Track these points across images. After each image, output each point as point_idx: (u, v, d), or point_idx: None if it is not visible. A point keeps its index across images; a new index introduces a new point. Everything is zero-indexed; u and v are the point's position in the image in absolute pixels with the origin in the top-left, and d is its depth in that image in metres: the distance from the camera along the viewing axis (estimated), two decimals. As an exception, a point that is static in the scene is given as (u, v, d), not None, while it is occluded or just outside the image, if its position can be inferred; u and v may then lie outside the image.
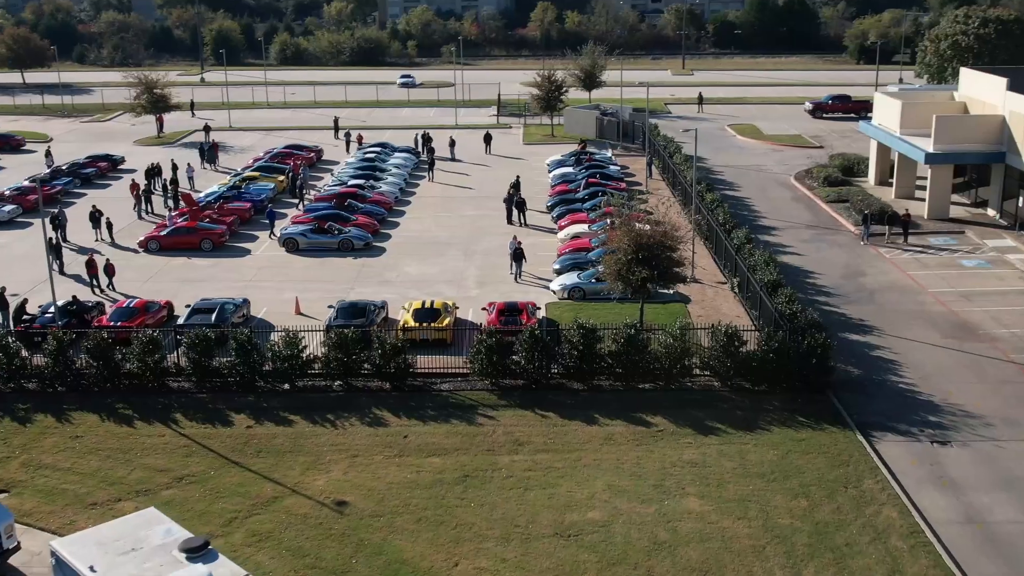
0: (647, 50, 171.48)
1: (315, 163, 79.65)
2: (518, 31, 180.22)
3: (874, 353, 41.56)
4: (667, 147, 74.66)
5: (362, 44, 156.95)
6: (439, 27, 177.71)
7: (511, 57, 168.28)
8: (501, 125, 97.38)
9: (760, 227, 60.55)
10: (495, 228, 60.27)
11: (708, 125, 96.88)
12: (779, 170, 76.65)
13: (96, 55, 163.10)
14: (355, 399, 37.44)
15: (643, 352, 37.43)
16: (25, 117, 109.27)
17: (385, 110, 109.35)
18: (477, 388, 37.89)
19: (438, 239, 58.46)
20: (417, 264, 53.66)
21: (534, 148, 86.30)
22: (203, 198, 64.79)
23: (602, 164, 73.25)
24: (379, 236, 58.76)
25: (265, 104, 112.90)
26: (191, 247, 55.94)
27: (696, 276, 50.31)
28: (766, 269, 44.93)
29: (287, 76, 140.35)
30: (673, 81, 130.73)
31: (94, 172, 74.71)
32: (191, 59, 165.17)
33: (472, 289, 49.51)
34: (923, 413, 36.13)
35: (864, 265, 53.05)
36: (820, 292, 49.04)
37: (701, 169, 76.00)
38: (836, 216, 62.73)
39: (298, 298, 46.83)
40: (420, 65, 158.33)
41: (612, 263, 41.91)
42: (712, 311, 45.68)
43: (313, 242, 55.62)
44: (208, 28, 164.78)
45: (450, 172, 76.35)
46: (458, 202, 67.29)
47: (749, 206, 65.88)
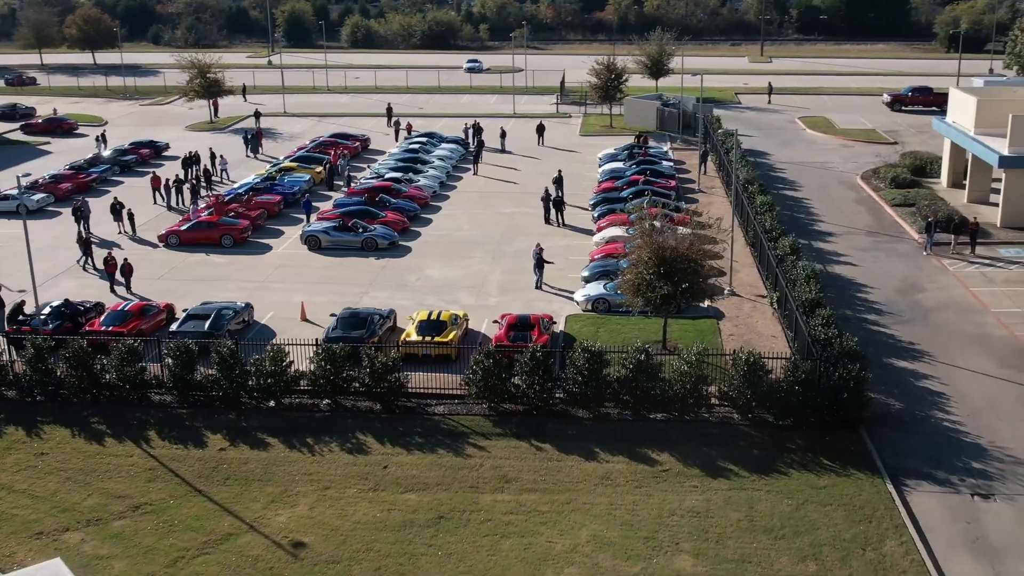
0: (727, 35, 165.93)
1: (359, 153, 77.27)
2: (595, 14, 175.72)
3: (920, 383, 37.48)
4: (724, 142, 70.48)
5: (433, 27, 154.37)
6: (514, 9, 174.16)
7: (585, 41, 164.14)
8: (560, 115, 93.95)
9: (815, 232, 56.36)
10: (531, 228, 57.09)
11: (777, 117, 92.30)
12: (846, 168, 71.95)
13: (170, 36, 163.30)
14: (341, 420, 34.78)
15: (654, 379, 34.03)
16: (88, 99, 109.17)
17: (445, 96, 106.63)
18: (473, 412, 34.93)
19: (468, 239, 55.52)
20: (441, 266, 50.81)
21: (590, 140, 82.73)
22: (234, 190, 62.86)
23: (654, 159, 69.42)
24: (408, 234, 56.08)
25: (325, 89, 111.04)
26: (211, 243, 53.93)
27: (734, 288, 46.53)
28: (807, 285, 40.99)
29: (354, 59, 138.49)
30: (748, 69, 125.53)
31: (134, 159, 73.36)
32: (265, 41, 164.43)
33: (492, 297, 46.49)
34: (967, 458, 32.11)
35: (923, 279, 48.65)
36: (870, 309, 44.89)
37: (761, 166, 71.94)
38: (900, 221, 58.15)
39: (304, 303, 44.34)
40: (491, 49, 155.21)
41: (631, 276, 38.53)
42: (746, 329, 41.97)
43: (336, 240, 53.15)
44: (281, 9, 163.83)
45: (496, 165, 73.27)
46: (498, 198, 64.23)
47: (807, 208, 61.58)
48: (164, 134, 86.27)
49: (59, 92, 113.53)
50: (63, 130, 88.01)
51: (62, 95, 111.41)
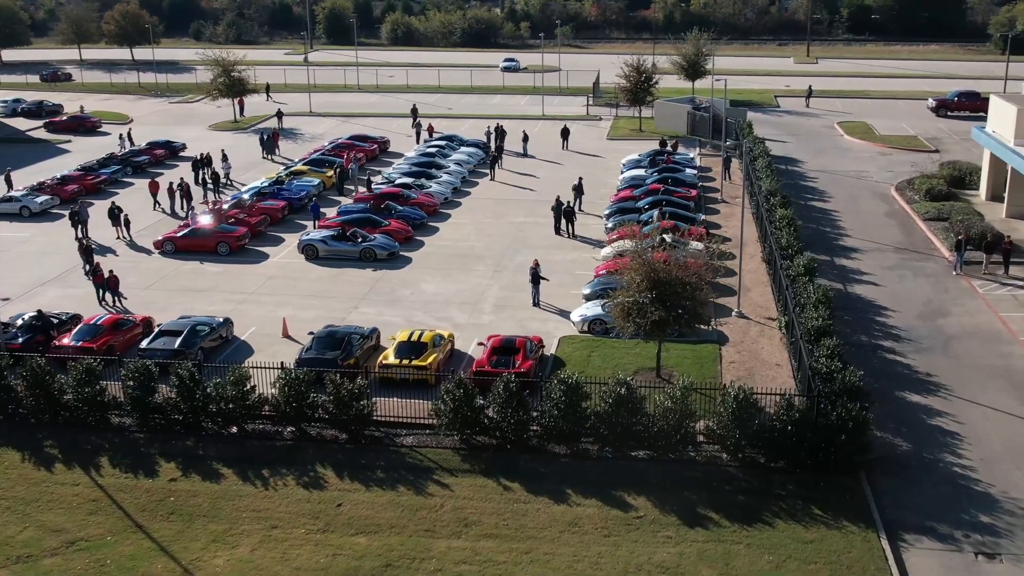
0: (775, 35, 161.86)
1: (377, 155, 75.37)
2: (640, 12, 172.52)
3: (933, 421, 34.58)
4: (752, 149, 67.51)
5: (473, 25, 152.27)
6: (558, 7, 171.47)
7: (629, 40, 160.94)
8: (590, 117, 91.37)
9: (839, 248, 53.36)
10: (539, 239, 54.75)
11: (815, 122, 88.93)
12: (882, 178, 68.62)
13: (211, 32, 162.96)
14: (302, 451, 32.74)
15: (636, 414, 31.55)
16: (119, 96, 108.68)
17: (476, 97, 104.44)
18: (443, 445, 32.72)
19: (472, 250, 53.29)
20: (438, 280, 48.64)
21: (618, 144, 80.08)
22: (238, 194, 61.26)
23: (678, 166, 66.63)
24: (410, 244, 54.00)
25: (356, 88, 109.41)
26: (207, 250, 52.30)
27: (743, 310, 43.80)
28: (815, 311, 38.18)
29: (392, 57, 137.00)
30: (792, 70, 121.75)
31: (147, 160, 72.07)
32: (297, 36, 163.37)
33: (486, 315, 44.23)
34: (975, 510, 29.25)
35: (949, 302, 45.53)
36: (887, 335, 41.93)
37: (792, 174, 68.94)
38: (931, 237, 54.91)
39: (285, 320, 42.40)
40: (532, 47, 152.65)
41: (621, 300, 36.08)
42: (749, 357, 39.27)
43: (333, 250, 51.23)
44: (321, 6, 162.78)
45: (513, 172, 70.85)
46: (512, 205, 61.90)
47: (834, 221, 58.51)
48: (186, 133, 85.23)
49: (92, 89, 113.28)
50: (86, 128, 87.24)
51: (95, 92, 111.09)
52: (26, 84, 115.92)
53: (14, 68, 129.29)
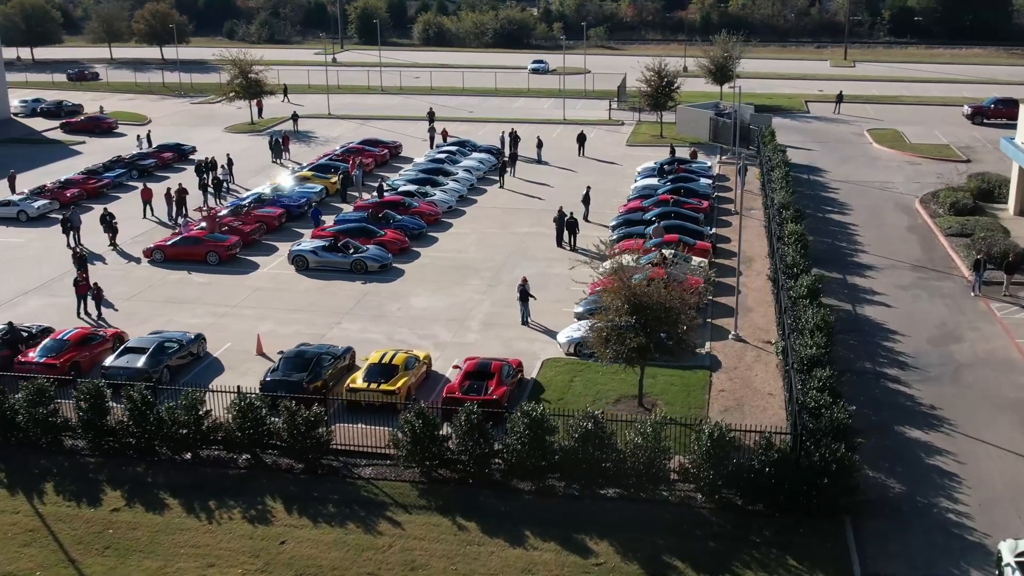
0: (815, 37, 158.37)
1: (387, 160, 73.76)
2: (677, 13, 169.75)
3: (932, 459, 32.23)
4: (771, 158, 65.09)
5: (505, 25, 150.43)
6: (594, 7, 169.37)
7: (664, 42, 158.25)
8: (612, 121, 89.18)
9: (853, 265, 50.88)
10: (541, 251, 52.83)
11: (844, 129, 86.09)
12: (908, 189, 65.86)
13: (244, 32, 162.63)
14: (255, 480, 31.13)
15: (605, 450, 29.55)
16: (143, 96, 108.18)
17: (499, 100, 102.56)
18: (403, 478, 30.93)
19: (469, 262, 51.48)
20: (428, 294, 46.89)
21: (637, 151, 77.89)
22: (237, 201, 59.97)
23: (693, 175, 64.29)
24: (406, 255, 52.31)
25: (379, 89, 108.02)
26: (197, 259, 50.97)
27: (740, 332, 41.58)
28: (810, 337, 35.91)
29: (422, 58, 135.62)
30: (827, 74, 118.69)
31: (153, 164, 71.02)
32: (334, 35, 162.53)
33: (472, 333, 42.39)
34: (966, 563, 26.93)
35: (964, 326, 42.98)
36: (893, 362, 39.51)
37: (813, 184, 66.46)
38: (952, 254, 52.26)
39: (260, 337, 40.83)
40: (565, 49, 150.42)
41: (600, 325, 34.09)
42: (741, 385, 37.09)
43: (324, 261, 49.68)
44: (353, 5, 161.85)
45: (525, 180, 68.85)
46: (518, 215, 59.98)
47: (852, 235, 55.98)
48: (202, 135, 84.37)
49: (118, 88, 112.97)
50: (102, 129, 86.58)
51: (120, 91, 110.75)
52: (52, 83, 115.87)
53: (45, 66, 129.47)
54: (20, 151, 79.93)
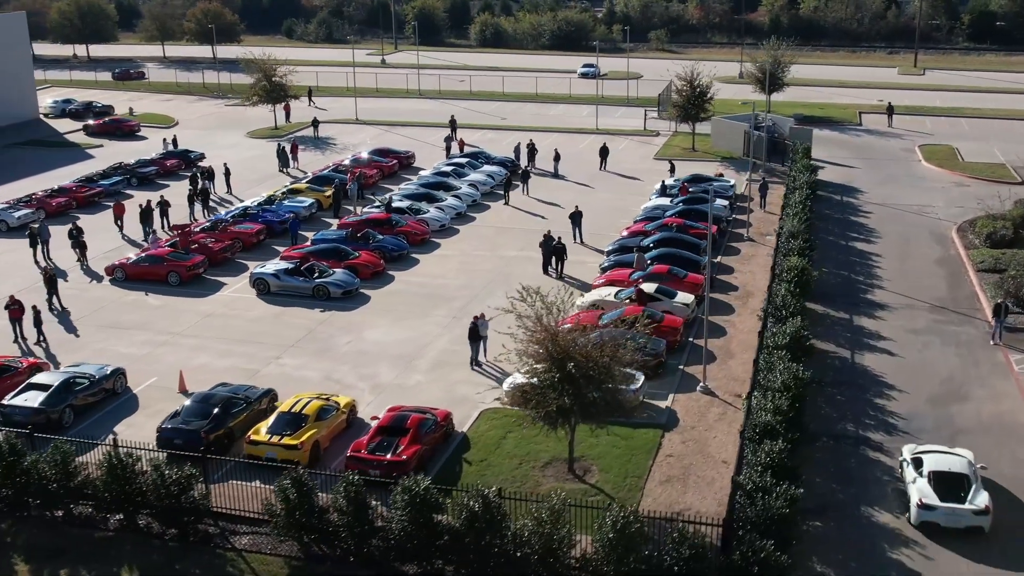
0: (889, 42, 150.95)
1: (396, 172, 70.44)
2: (746, 15, 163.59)
3: (896, 552, 27.70)
4: (796, 178, 60.23)
5: (563, 27, 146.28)
6: (660, 9, 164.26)
7: (730, 45, 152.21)
8: (647, 132, 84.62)
9: (865, 303, 46.05)
10: (525, 278, 48.70)
11: (894, 144, 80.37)
12: (948, 214, 60.40)
13: (303, 31, 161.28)
14: (120, 546, 28.02)
15: (494, 534, 25.68)
16: (181, 97, 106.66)
17: (537, 106, 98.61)
18: (279, 551, 27.50)
19: (444, 289, 47.87)
20: (386, 326, 43.39)
21: (664, 166, 73.21)
22: (219, 216, 57.29)
23: (703, 196, 59.62)
24: (379, 279, 48.92)
25: (417, 93, 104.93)
26: (158, 279, 48.30)
27: (709, 384, 37.25)
28: (774, 399, 31.51)
29: (473, 60, 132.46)
30: (893, 82, 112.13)
31: (154, 171, 68.78)
32: (399, 36, 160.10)
33: (417, 374, 38.78)
34: None
35: (974, 382, 38.05)
36: (881, 425, 34.84)
37: (845, 208, 61.59)
38: (979, 293, 47.06)
39: (183, 373, 37.76)
40: (624, 52, 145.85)
41: (521, 380, 30.23)
42: (694, 448, 32.84)
43: (285, 285, 46.59)
44: (411, 5, 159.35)
45: (533, 197, 64.86)
46: (513, 236, 56.11)
47: (872, 267, 51.00)
48: (223, 140, 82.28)
49: (159, 88, 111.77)
50: (123, 132, 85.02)
51: (161, 92, 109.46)
52: (95, 82, 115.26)
53: (99, 64, 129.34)
54: (34, 154, 78.71)
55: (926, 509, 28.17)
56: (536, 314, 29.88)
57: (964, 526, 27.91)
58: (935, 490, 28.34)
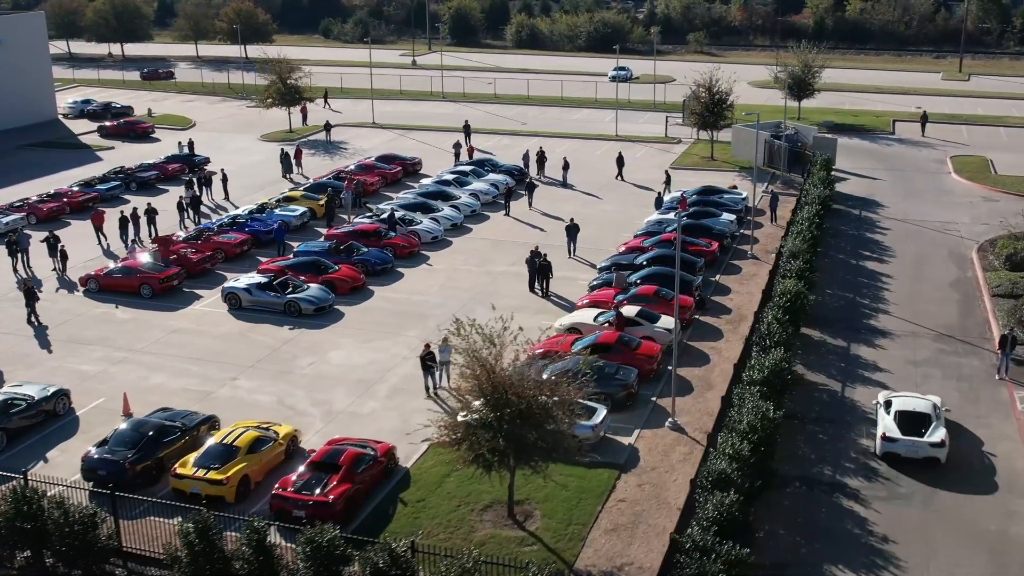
0: (937, 46, 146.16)
1: (401, 179, 68.56)
2: (790, 17, 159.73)
3: (853, 620, 25.24)
4: (809, 191, 57.44)
5: (600, 28, 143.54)
6: (701, 10, 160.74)
7: (773, 48, 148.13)
8: (668, 139, 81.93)
9: (866, 329, 43.33)
10: (508, 296, 46.82)
11: (925, 154, 76.95)
12: (972, 232, 57.22)
13: (339, 30, 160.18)
14: (18, 589, 26.41)
15: (399, 593, 23.68)
16: (204, 97, 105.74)
17: (560, 110, 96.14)
18: (183, 599, 25.67)
19: (422, 306, 45.88)
20: (353, 346, 41.52)
21: (681, 175, 70.62)
22: (207, 224, 55.86)
23: (715, 209, 57.05)
24: (358, 294, 47.09)
25: (440, 96, 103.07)
26: (130, 290, 46.94)
27: (678, 419, 34.86)
28: (732, 443, 29.10)
29: (504, 61, 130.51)
30: (936, 88, 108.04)
31: (155, 175, 67.60)
32: (435, 37, 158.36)
33: (373, 401, 36.83)
34: None
35: (971, 420, 35.32)
36: (861, 469, 32.27)
37: (863, 223, 58.87)
38: (992, 320, 44.08)
39: (127, 395, 36.17)
40: (663, 54, 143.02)
41: (453, 419, 28.13)
42: (650, 493, 30.54)
43: (257, 300, 44.95)
44: (448, 5, 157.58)
45: (534, 211, 62.62)
46: (506, 249, 53.92)
47: (881, 289, 48.16)
48: (234, 143, 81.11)
49: (185, 88, 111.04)
50: (136, 134, 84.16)
51: (186, 92, 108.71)
52: (122, 82, 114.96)
53: (129, 63, 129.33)
54: (43, 155, 78.05)
55: (889, 441, 32.01)
56: (471, 347, 27.73)
57: (922, 456, 31.75)
58: (898, 426, 32.17)
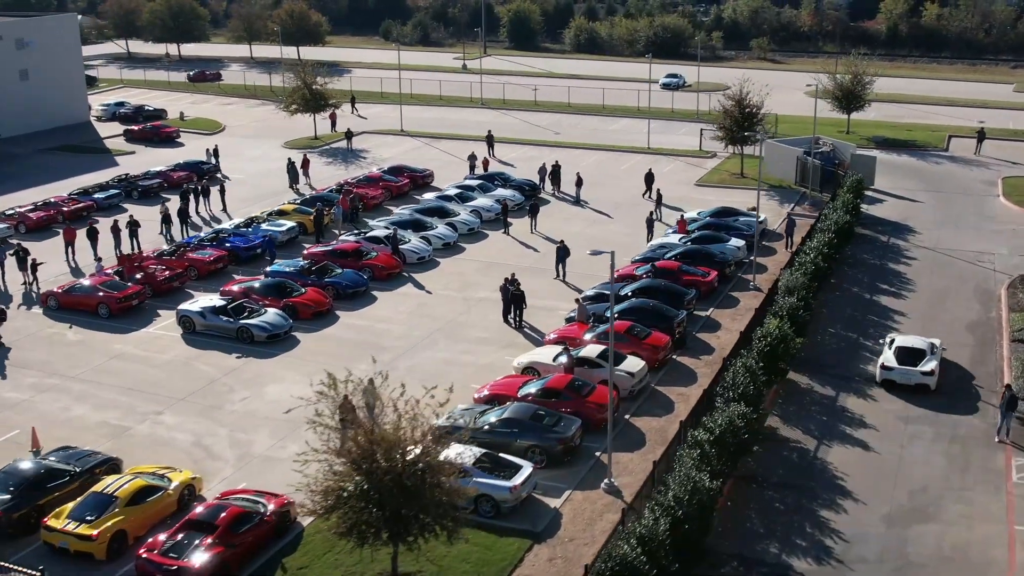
0: (1016, 55, 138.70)
1: (408, 191, 65.85)
2: (862, 23, 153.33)
3: None
4: (828, 216, 53.32)
5: (660, 32, 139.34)
6: (770, 15, 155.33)
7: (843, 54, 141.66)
8: (702, 153, 77.92)
9: (863, 375, 39.50)
10: (478, 328, 43.86)
11: (975, 175, 71.79)
12: (1007, 265, 52.46)
13: (398, 32, 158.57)
14: None
15: None
16: (243, 100, 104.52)
17: (599, 119, 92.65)
18: None
19: (383, 337, 43.10)
20: (292, 380, 38.72)
21: (705, 193, 66.87)
22: (188, 239, 53.93)
23: (718, 234, 53.18)
24: (321, 319, 44.50)
25: (479, 102, 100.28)
26: (88, 309, 45.11)
27: (616, 480, 31.48)
28: (651, 522, 25.72)
29: (560, 66, 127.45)
30: (1005, 100, 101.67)
31: (157, 184, 65.98)
32: (495, 40, 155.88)
33: (298, 444, 33.83)
34: None
35: (954, 494, 31.29)
36: (815, 548, 28.59)
37: (886, 251, 54.60)
38: (1006, 371, 39.66)
39: (35, 430, 34.03)
40: (725, 60, 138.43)
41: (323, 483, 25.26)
42: (562, 568, 27.28)
43: (210, 324, 42.66)
44: (507, 7, 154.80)
45: (534, 233, 59.31)
46: (494, 274, 50.53)
47: (887, 329, 43.91)
48: (253, 150, 79.58)
49: (228, 90, 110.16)
50: (160, 138, 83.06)
51: (228, 94, 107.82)
52: (168, 83, 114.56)
53: (184, 64, 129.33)
54: (61, 159, 77.31)
55: (886, 370, 37.89)
56: (338, 407, 24.84)
57: (914, 383, 37.54)
58: (896, 358, 38.00)
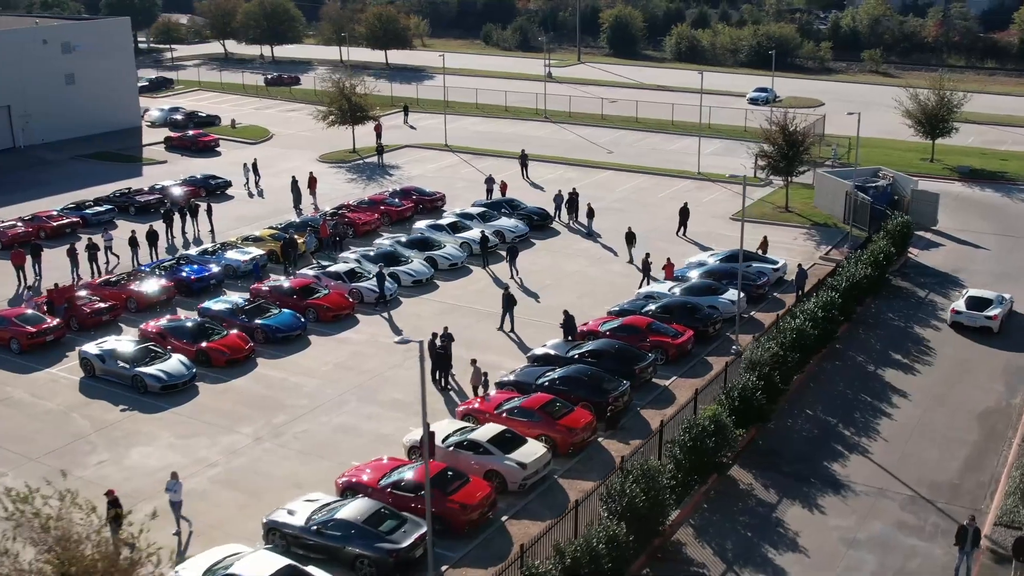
0: None
1: (411, 216, 61.37)
2: (993, 34, 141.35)
3: None
4: (845, 267, 46.52)
5: (763, 42, 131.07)
6: (893, 24, 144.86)
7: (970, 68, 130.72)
8: (754, 181, 70.83)
9: (823, 477, 33.11)
10: (404, 383, 39.08)
11: (1054, 213, 62.93)
12: (1054, 330, 44.75)
13: (499, 36, 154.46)
14: None
15: None
16: (307, 106, 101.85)
17: (662, 137, 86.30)
18: None
19: (290, 393, 38.79)
20: (164, 443, 34.93)
21: (737, 229, 59.87)
22: (148, 265, 50.87)
23: (714, 284, 46.92)
24: (237, 366, 40.52)
25: (543, 115, 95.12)
26: (1, 343, 42.30)
27: None
28: None
29: (656, 76, 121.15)
30: None
31: (155, 200, 63.23)
32: (595, 46, 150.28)
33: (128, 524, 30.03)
34: None
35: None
36: None
37: (919, 311, 47.18)
38: (1004, 480, 32.66)
39: None
40: (833, 72, 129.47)
41: None
42: None
43: (109, 369, 39.19)
44: (608, 13, 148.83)
45: (534, 268, 54.01)
46: (454, 318, 45.65)
47: (878, 415, 37.25)
48: (286, 162, 76.45)
49: (299, 96, 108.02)
50: (198, 147, 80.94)
51: (298, 100, 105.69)
52: (242, 87, 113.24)
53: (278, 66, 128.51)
54: (89, 167, 75.98)
55: (957, 313, 44.24)
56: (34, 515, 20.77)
57: (979, 325, 43.67)
58: (966, 304, 44.35)
